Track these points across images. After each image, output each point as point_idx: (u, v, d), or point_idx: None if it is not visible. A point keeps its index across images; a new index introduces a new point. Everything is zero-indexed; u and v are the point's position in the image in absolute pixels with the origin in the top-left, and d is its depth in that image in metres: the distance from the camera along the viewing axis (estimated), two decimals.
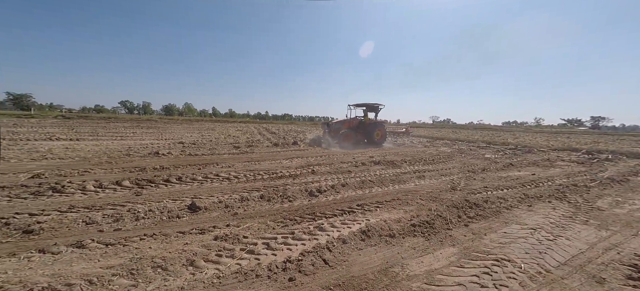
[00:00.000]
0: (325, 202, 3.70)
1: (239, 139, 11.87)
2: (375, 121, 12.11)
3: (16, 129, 11.87)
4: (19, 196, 3.32)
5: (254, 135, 14.60)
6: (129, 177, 4.33)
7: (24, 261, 1.84)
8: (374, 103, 11.97)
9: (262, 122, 41.96)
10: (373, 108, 12.18)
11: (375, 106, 12.05)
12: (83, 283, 1.62)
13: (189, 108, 71.74)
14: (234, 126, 25.67)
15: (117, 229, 2.55)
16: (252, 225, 2.86)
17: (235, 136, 13.58)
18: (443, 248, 2.50)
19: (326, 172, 5.54)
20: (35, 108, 38.49)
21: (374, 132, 11.54)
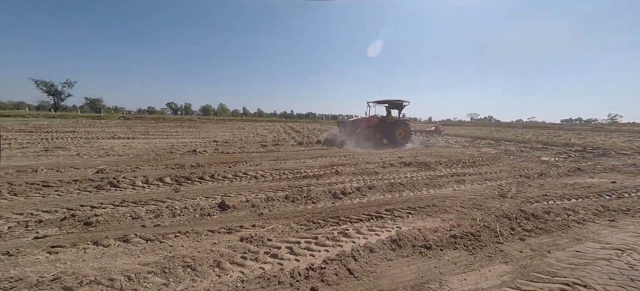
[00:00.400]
0: (350, 205, 3.54)
1: (266, 138, 12.24)
2: (398, 119, 11.18)
3: (89, 129, 13.97)
4: (86, 189, 3.82)
5: (279, 134, 14.96)
6: (170, 174, 4.71)
7: (81, 252, 2.08)
8: (397, 100, 10.97)
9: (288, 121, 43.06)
10: (396, 105, 11.19)
11: (398, 103, 11.05)
12: (123, 279, 1.74)
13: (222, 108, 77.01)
14: (262, 125, 26.70)
15: (156, 225, 2.75)
16: (277, 227, 2.85)
17: (263, 135, 14.07)
18: (492, 265, 2.18)
19: (351, 173, 5.35)
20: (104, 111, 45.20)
21: (395, 131, 10.63)
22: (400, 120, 11.17)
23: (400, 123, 10.94)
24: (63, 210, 2.92)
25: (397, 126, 10.81)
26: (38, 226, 2.47)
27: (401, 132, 10.75)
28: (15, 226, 2.47)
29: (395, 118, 11.27)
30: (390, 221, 3.04)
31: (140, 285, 1.74)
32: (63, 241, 2.20)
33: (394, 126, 10.76)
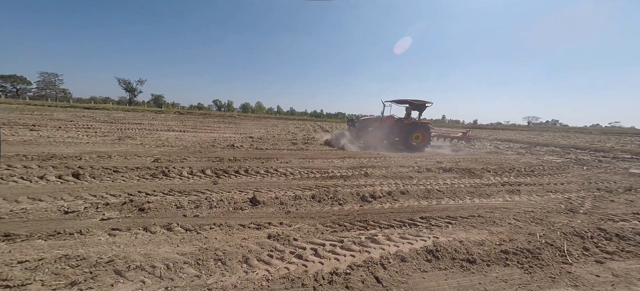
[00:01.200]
0: (380, 210, 3.32)
1: (297, 136, 12.43)
2: (415, 121, 9.84)
3: (152, 122, 16.06)
4: (144, 176, 4.31)
5: (309, 132, 15.10)
6: (210, 166, 5.06)
7: (133, 237, 2.31)
8: (419, 100, 9.73)
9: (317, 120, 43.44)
10: (417, 106, 9.95)
11: (420, 103, 9.81)
12: (163, 267, 1.86)
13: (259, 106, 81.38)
14: (294, 123, 27.37)
15: (195, 215, 2.93)
16: (302, 227, 2.80)
17: (293, 132, 14.37)
18: (556, 288, 1.83)
19: (381, 176, 5.04)
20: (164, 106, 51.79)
21: (412, 134, 9.46)
22: (419, 123, 9.81)
23: (418, 126, 9.66)
24: (125, 195, 3.31)
25: (415, 129, 9.60)
26: (105, 209, 2.84)
27: (419, 136, 9.58)
28: (89, 207, 2.88)
29: (413, 121, 9.96)
30: (425, 230, 2.76)
31: (177, 274, 1.83)
32: (121, 225, 2.47)
33: (411, 129, 9.58)
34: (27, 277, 1.58)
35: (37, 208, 2.74)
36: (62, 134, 8.17)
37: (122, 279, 1.69)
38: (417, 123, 9.82)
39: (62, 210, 2.72)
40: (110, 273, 1.71)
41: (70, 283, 1.58)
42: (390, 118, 9.98)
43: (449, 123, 67.86)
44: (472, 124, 67.03)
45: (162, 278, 1.78)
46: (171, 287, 1.70)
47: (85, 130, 9.78)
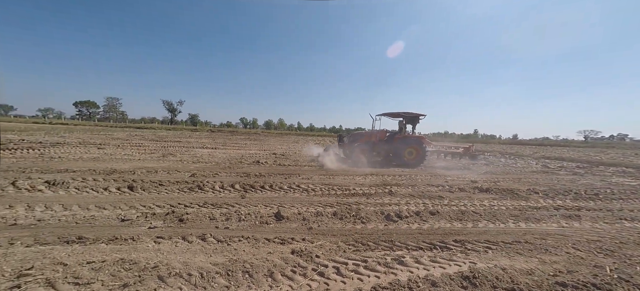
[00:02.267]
0: (407, 230, 3.18)
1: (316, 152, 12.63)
2: (408, 135, 9.19)
3: (188, 139, 17.62)
4: (183, 190, 4.72)
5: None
6: (239, 181, 5.36)
7: (174, 245, 2.53)
8: (411, 113, 9.16)
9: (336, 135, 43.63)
10: (410, 118, 9.37)
11: (412, 116, 9.24)
12: (198, 275, 2.01)
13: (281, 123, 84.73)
14: (314, 139, 27.88)
15: (226, 227, 3.11)
16: (324, 244, 2.79)
17: None
18: None
19: (407, 195, 4.85)
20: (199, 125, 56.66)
21: (404, 149, 8.78)
22: (412, 137, 9.10)
23: (411, 140, 8.95)
24: (168, 207, 3.66)
25: (408, 143, 8.88)
26: (152, 218, 3.16)
27: (412, 151, 8.81)
28: (140, 216, 3.24)
29: (405, 135, 9.27)
30: (460, 255, 2.58)
31: (209, 283, 1.95)
32: (164, 234, 2.73)
33: (404, 143, 8.90)
34: (92, 276, 1.82)
35: (102, 215, 3.16)
36: (120, 152, 9.36)
37: (164, 284, 1.86)
38: (410, 137, 9.15)
39: (120, 218, 3.10)
40: (154, 277, 1.90)
41: (123, 285, 1.78)
42: (381, 132, 9.37)
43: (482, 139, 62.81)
44: (512, 139, 60.93)
45: (196, 286, 1.91)
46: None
47: (137, 148, 11.08)
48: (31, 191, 3.93)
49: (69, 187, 4.22)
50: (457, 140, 41.65)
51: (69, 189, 4.15)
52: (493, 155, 15.14)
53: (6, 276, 1.72)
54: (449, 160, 11.16)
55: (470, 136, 68.85)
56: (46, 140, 11.20)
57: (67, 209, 3.28)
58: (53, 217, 3.00)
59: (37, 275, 1.75)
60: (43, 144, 9.91)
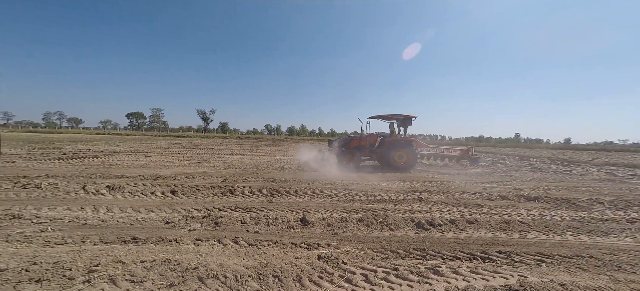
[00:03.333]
0: (441, 239, 2.99)
1: None
2: (398, 139, 8.75)
3: (220, 146, 18.80)
4: (216, 194, 5.02)
5: None
6: (266, 186, 5.54)
7: (211, 248, 2.68)
8: (400, 115, 8.69)
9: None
10: (401, 120, 8.88)
11: (403, 118, 8.74)
12: (232, 277, 2.10)
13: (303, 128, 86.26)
14: None
15: (255, 231, 3.22)
16: (350, 250, 2.74)
17: None
18: None
19: (440, 202, 4.58)
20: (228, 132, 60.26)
21: (394, 153, 8.33)
22: (402, 140, 8.57)
23: (401, 143, 8.41)
24: (204, 210, 3.92)
25: (397, 146, 8.37)
26: (191, 221, 3.41)
27: (402, 155, 8.30)
28: (181, 218, 3.52)
29: (395, 138, 8.84)
30: (506, 267, 2.36)
31: (243, 286, 2.03)
32: (202, 236, 2.92)
33: (393, 146, 8.42)
34: (144, 275, 2.01)
35: (150, 217, 3.49)
36: (163, 159, 10.33)
37: (203, 285, 1.98)
38: (399, 140, 8.62)
39: (165, 220, 3.40)
40: (195, 278, 2.02)
41: (170, 285, 1.93)
42: (372, 136, 9.02)
43: (525, 143, 56.61)
44: (563, 143, 54.19)
45: (231, 288, 1.99)
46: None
47: (176, 155, 12.14)
48: (96, 195, 4.51)
49: (124, 191, 4.76)
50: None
51: (124, 193, 4.68)
52: (541, 161, 13.54)
53: (80, 271, 1.98)
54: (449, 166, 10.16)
55: (510, 140, 62.44)
56: (106, 149, 12.86)
57: (123, 211, 3.70)
58: (113, 218, 3.40)
59: (102, 272, 1.98)
60: (103, 153, 11.39)
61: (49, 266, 2.01)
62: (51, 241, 2.54)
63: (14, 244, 2.47)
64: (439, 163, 10.76)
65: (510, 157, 15.80)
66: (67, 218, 3.28)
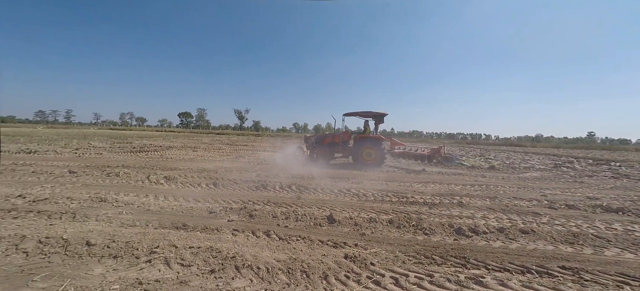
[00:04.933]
0: (486, 248, 2.71)
1: None
2: (367, 136, 8.66)
3: (253, 143, 20.04)
4: (251, 188, 5.35)
5: None
6: (294, 183, 5.70)
7: (246, 239, 2.88)
8: (372, 112, 8.52)
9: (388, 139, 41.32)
10: (373, 117, 8.77)
11: (373, 115, 8.61)
12: (264, 269, 2.21)
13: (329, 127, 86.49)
14: None
15: (286, 226, 3.33)
16: (379, 252, 2.65)
17: None
18: None
19: (485, 208, 4.14)
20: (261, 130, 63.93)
21: (362, 150, 8.31)
22: (371, 137, 8.50)
23: (370, 141, 8.33)
24: (241, 203, 4.23)
25: (366, 145, 8.31)
26: (230, 212, 3.71)
27: (371, 153, 8.26)
28: (221, 209, 3.85)
29: (365, 135, 8.77)
30: (572, 285, 2.06)
31: (273, 279, 2.12)
32: (239, 227, 3.15)
33: (363, 143, 8.38)
34: (192, 260, 2.26)
35: (197, 207, 3.91)
36: (207, 154, 11.45)
37: (239, 274, 2.13)
38: (369, 138, 8.53)
39: (208, 210, 3.77)
40: (232, 267, 2.19)
41: (211, 271, 2.13)
42: (345, 133, 8.97)
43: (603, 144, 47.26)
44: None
45: (263, 279, 2.10)
46: (269, 290, 1.99)
47: (217, 151, 13.34)
48: (156, 184, 5.23)
49: (177, 182, 5.42)
50: None
51: (177, 184, 5.33)
52: (629, 165, 11.09)
53: (144, 251, 2.32)
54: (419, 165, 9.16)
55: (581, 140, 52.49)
56: (163, 145, 14.84)
57: (176, 200, 4.22)
58: (168, 205, 3.91)
59: (160, 253, 2.29)
60: (161, 147, 13.16)
61: (123, 245, 2.41)
62: (125, 223, 3.04)
63: (100, 223, 3.03)
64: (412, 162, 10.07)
65: (580, 160, 13.31)
66: (136, 203, 3.89)
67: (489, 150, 22.68)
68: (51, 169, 6.12)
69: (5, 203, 3.58)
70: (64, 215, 3.18)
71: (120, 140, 17.66)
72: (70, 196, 4.03)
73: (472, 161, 10.32)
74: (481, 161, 10.13)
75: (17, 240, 2.40)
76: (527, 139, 57.31)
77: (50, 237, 2.47)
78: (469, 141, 41.44)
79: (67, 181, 5.09)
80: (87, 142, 15.03)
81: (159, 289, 1.83)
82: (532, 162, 12.40)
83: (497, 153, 19.15)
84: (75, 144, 13.08)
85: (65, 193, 4.22)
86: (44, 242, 2.38)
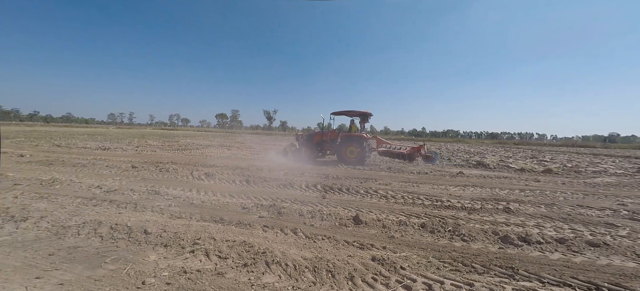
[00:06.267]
0: (541, 259, 2.42)
1: None
2: (350, 134, 9.07)
3: (281, 143, 20.75)
4: (279, 186, 5.53)
5: None
6: (319, 182, 5.73)
7: (275, 235, 2.99)
8: (355, 111, 9.04)
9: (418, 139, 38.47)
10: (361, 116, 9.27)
11: (362, 115, 9.11)
12: (292, 266, 2.27)
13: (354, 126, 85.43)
14: None
15: (311, 225, 3.37)
16: (410, 256, 2.52)
17: None
18: None
19: (539, 215, 3.66)
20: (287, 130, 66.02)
21: (346, 148, 8.77)
22: (354, 136, 8.86)
23: (353, 139, 8.74)
24: (270, 200, 4.42)
25: (349, 142, 8.74)
26: (260, 209, 3.91)
27: (353, 150, 8.67)
28: (253, 206, 4.08)
29: (348, 134, 9.15)
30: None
31: (300, 276, 2.16)
32: (268, 223, 3.30)
33: (347, 141, 8.81)
34: (228, 253, 2.44)
35: (232, 202, 4.22)
36: (240, 152, 12.28)
37: (268, 270, 2.22)
38: (353, 136, 8.92)
39: (242, 206, 4.03)
40: (263, 262, 2.30)
41: (244, 264, 2.27)
42: (333, 132, 9.44)
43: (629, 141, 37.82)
44: None
45: (290, 276, 2.16)
46: (296, 287, 2.03)
47: (249, 149, 14.19)
48: (198, 180, 5.80)
49: (215, 178, 5.93)
50: None
51: (216, 180, 5.83)
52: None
53: (188, 242, 2.59)
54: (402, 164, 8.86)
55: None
56: (203, 143, 16.40)
57: (214, 195, 4.61)
58: (208, 200, 4.30)
59: (201, 245, 2.53)
60: (201, 146, 14.56)
61: (172, 235, 2.72)
62: (173, 215, 3.44)
63: (155, 214, 3.48)
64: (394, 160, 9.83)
65: None
66: (182, 197, 4.36)
67: (542, 152, 19.64)
68: (119, 164, 7.26)
69: (87, 192, 4.36)
70: (128, 205, 3.74)
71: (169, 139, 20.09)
72: (132, 188, 4.73)
73: (521, 163, 9.04)
74: (533, 164, 8.79)
75: (95, 225, 2.91)
76: (596, 139, 47.24)
77: (119, 224, 2.93)
78: (516, 141, 36.41)
79: (131, 175, 5.98)
80: (144, 140, 17.47)
81: (199, 279, 2.02)
82: (604, 165, 10.35)
83: (555, 155, 16.51)
84: (136, 142, 15.29)
85: (129, 185, 4.97)
86: (114, 228, 2.83)
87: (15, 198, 3.81)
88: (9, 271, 1.98)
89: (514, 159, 11.52)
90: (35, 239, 2.53)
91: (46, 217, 3.07)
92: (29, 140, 13.87)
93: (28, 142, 12.56)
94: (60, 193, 4.19)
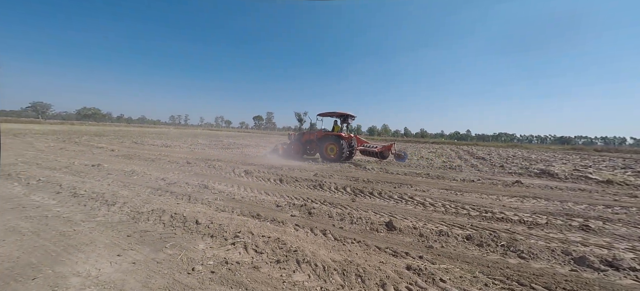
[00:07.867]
0: (634, 288, 1.97)
1: (433, 162, 10.71)
2: (330, 134, 9.67)
3: None
4: (309, 187, 5.67)
5: (451, 159, 12.30)
6: (349, 184, 5.66)
7: (306, 235, 3.08)
8: (337, 112, 9.73)
9: (461, 143, 34.39)
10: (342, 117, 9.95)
11: (343, 115, 9.80)
12: (321, 267, 2.30)
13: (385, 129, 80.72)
14: (426, 147, 23.89)
15: (340, 227, 3.37)
16: (452, 269, 2.31)
17: (428, 158, 12.46)
18: None
19: (634, 237, 2.99)
20: None
21: (326, 146, 9.48)
22: (332, 135, 9.55)
23: (333, 138, 9.41)
24: (301, 200, 4.57)
25: (328, 141, 9.44)
26: (292, 208, 4.08)
27: (333, 148, 9.37)
28: (285, 204, 4.29)
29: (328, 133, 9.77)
30: None
31: (328, 278, 2.18)
32: (300, 223, 3.41)
33: (327, 140, 9.48)
34: (263, 248, 2.62)
35: (267, 199, 4.52)
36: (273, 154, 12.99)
37: (299, 268, 2.30)
38: (333, 135, 9.52)
39: (275, 204, 4.27)
40: (294, 260, 2.40)
41: (277, 261, 2.40)
42: (320, 131, 10.05)
43: None
44: None
45: (319, 277, 2.19)
46: (324, 288, 2.05)
47: None
48: (239, 177, 6.37)
49: (253, 176, 6.42)
50: None
51: (253, 177, 6.31)
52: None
53: (230, 234, 2.88)
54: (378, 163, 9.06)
55: None
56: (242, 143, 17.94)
57: (252, 191, 5.00)
58: (247, 196, 4.69)
59: (241, 238, 2.78)
60: (241, 145, 15.94)
61: (217, 227, 3.06)
62: (219, 208, 3.87)
63: (204, 206, 3.97)
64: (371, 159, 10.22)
65: None
66: (226, 192, 4.86)
67: None
68: (177, 159, 8.50)
69: (155, 183, 5.23)
70: (184, 197, 4.35)
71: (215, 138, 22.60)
72: (187, 181, 5.47)
73: (606, 174, 7.22)
74: (625, 175, 6.87)
75: (160, 212, 3.47)
76: None
77: (177, 213, 3.44)
78: (597, 147, 29.38)
79: (186, 169, 6.93)
80: (196, 139, 20.05)
81: (238, 270, 2.22)
82: None
83: None
84: (190, 141, 17.67)
85: (185, 179, 5.77)
86: (173, 217, 3.33)
87: (109, 185, 4.82)
88: (101, 247, 2.52)
89: (595, 168, 9.28)
90: (119, 221, 3.16)
91: (127, 203, 3.80)
92: (117, 137, 17.40)
93: (116, 140, 15.75)
94: (137, 183, 5.13)
